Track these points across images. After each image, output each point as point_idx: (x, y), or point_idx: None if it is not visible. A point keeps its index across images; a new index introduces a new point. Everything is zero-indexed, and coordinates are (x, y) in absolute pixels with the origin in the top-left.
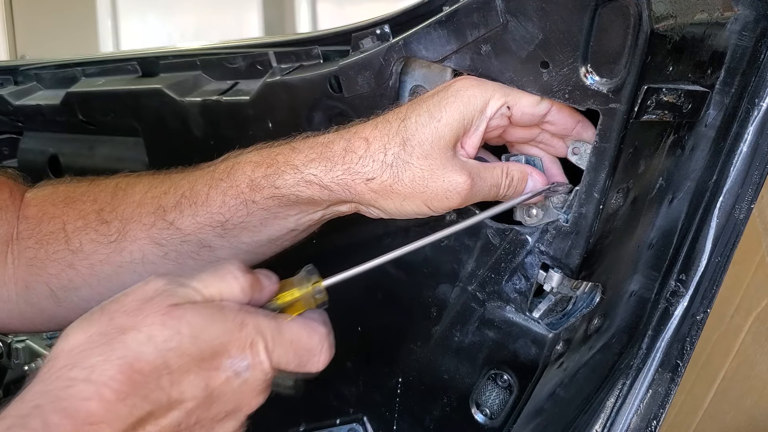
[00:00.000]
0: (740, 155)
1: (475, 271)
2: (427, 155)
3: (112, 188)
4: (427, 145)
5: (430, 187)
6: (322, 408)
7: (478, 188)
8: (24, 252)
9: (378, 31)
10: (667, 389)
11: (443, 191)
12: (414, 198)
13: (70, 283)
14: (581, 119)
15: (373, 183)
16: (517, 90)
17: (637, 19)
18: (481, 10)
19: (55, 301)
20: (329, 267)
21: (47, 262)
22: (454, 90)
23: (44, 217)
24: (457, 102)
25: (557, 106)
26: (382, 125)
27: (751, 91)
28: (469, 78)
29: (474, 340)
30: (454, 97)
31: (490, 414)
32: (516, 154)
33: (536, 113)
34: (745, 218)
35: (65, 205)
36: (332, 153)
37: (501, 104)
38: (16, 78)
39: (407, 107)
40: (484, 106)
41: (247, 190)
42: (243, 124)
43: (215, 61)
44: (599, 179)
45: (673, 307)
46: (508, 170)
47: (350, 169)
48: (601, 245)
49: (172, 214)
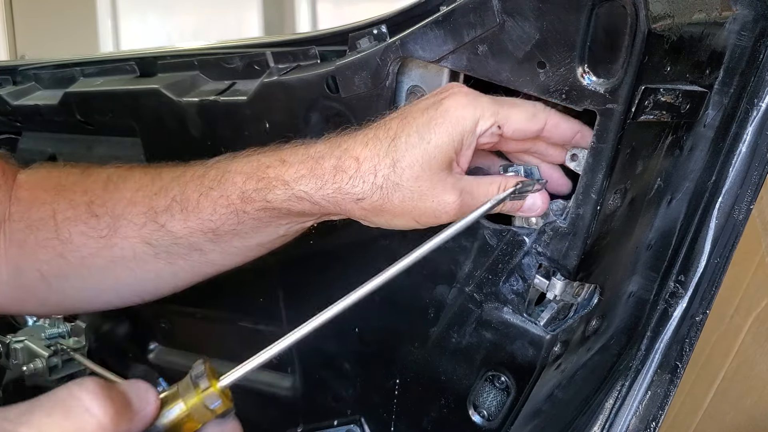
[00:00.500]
0: (739, 156)
1: (472, 272)
2: (418, 177)
3: (104, 181)
4: (417, 168)
5: (419, 207)
6: (319, 409)
7: (469, 206)
8: (15, 234)
9: (375, 31)
10: (666, 390)
11: (432, 211)
12: (404, 216)
13: (60, 271)
14: (580, 129)
15: (364, 203)
16: (510, 106)
17: (634, 19)
18: (478, 10)
19: (47, 286)
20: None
21: (37, 248)
22: (443, 110)
23: (35, 202)
24: (446, 123)
25: (553, 121)
26: (372, 143)
27: (750, 92)
28: (459, 93)
29: (471, 342)
30: (443, 118)
31: (487, 415)
32: (512, 164)
33: (529, 130)
34: (744, 219)
35: (56, 193)
36: (323, 170)
37: (491, 124)
38: (14, 78)
39: (398, 123)
40: (474, 126)
41: (238, 201)
42: (240, 124)
43: (213, 62)
44: (596, 180)
45: (672, 308)
46: (505, 186)
47: (341, 189)
48: (598, 246)
49: (163, 217)
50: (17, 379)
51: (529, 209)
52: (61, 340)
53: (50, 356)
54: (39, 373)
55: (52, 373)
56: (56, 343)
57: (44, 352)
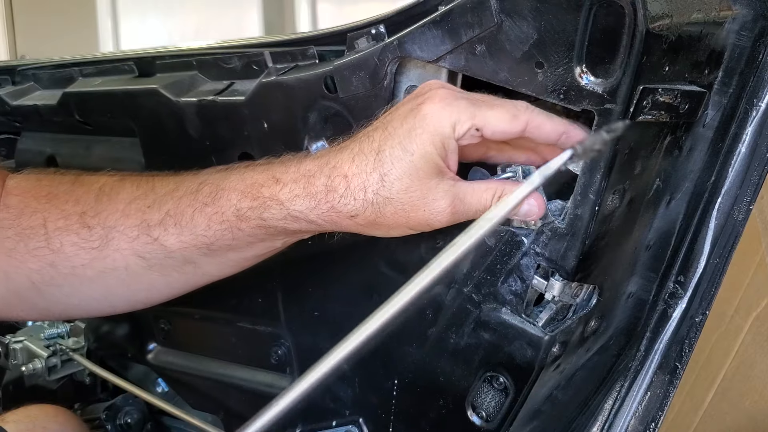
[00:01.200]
0: (739, 156)
1: (470, 273)
2: (407, 189)
3: (96, 191)
4: (406, 180)
5: (412, 218)
6: (318, 410)
7: (462, 212)
8: (3, 241)
9: (373, 31)
10: (666, 391)
11: (425, 219)
12: (398, 227)
13: (52, 280)
14: (565, 130)
15: (358, 219)
16: (488, 107)
17: (632, 19)
18: (476, 10)
19: (37, 293)
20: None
21: (27, 257)
22: (422, 117)
23: (25, 210)
24: (425, 132)
25: (535, 122)
26: (358, 159)
27: (750, 92)
28: (435, 97)
29: (470, 342)
30: (422, 128)
31: (486, 416)
32: (510, 164)
33: (509, 131)
34: (744, 219)
35: (47, 201)
36: (315, 190)
37: (468, 127)
38: (13, 78)
39: (380, 135)
40: (452, 131)
41: (233, 218)
42: (238, 124)
43: (211, 62)
44: (594, 180)
45: (671, 308)
46: (501, 193)
47: (334, 208)
48: (597, 247)
49: (156, 231)
50: (17, 380)
51: (525, 215)
52: (60, 341)
53: (49, 356)
54: (38, 373)
55: (51, 373)
56: (55, 343)
57: (43, 352)
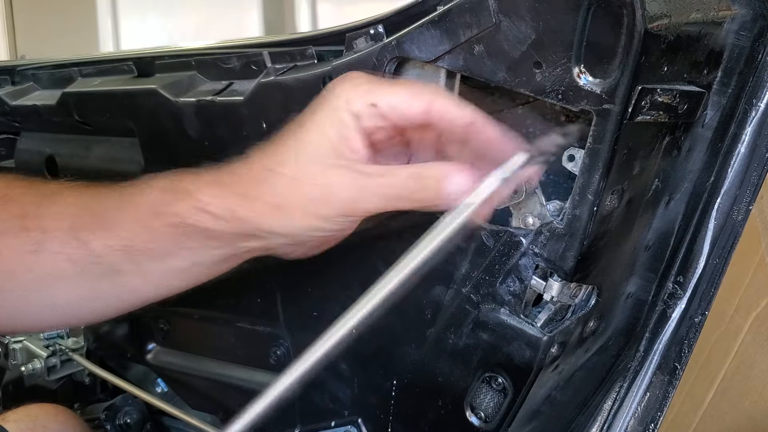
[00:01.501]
0: (738, 156)
1: (469, 273)
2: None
3: (44, 194)
4: (303, 157)
5: (307, 194)
6: (317, 410)
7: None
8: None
9: (372, 31)
10: (665, 392)
11: (321, 197)
12: (297, 210)
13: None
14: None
15: (257, 203)
16: (390, 85)
17: (631, 19)
18: (474, 10)
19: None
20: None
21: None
22: (320, 98)
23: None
24: (323, 110)
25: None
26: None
27: (749, 92)
28: (337, 80)
29: (468, 343)
30: (321, 107)
31: (485, 417)
32: None
33: (409, 111)
34: (744, 219)
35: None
36: (224, 179)
37: (363, 104)
38: (13, 78)
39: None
40: (346, 104)
41: (149, 216)
42: (237, 124)
43: (210, 62)
44: (593, 181)
45: (670, 309)
46: (419, 174)
47: (236, 192)
48: (596, 247)
49: (83, 233)
50: (16, 380)
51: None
52: (60, 341)
53: (49, 356)
54: (38, 373)
55: (50, 373)
56: (55, 343)
57: (43, 352)
